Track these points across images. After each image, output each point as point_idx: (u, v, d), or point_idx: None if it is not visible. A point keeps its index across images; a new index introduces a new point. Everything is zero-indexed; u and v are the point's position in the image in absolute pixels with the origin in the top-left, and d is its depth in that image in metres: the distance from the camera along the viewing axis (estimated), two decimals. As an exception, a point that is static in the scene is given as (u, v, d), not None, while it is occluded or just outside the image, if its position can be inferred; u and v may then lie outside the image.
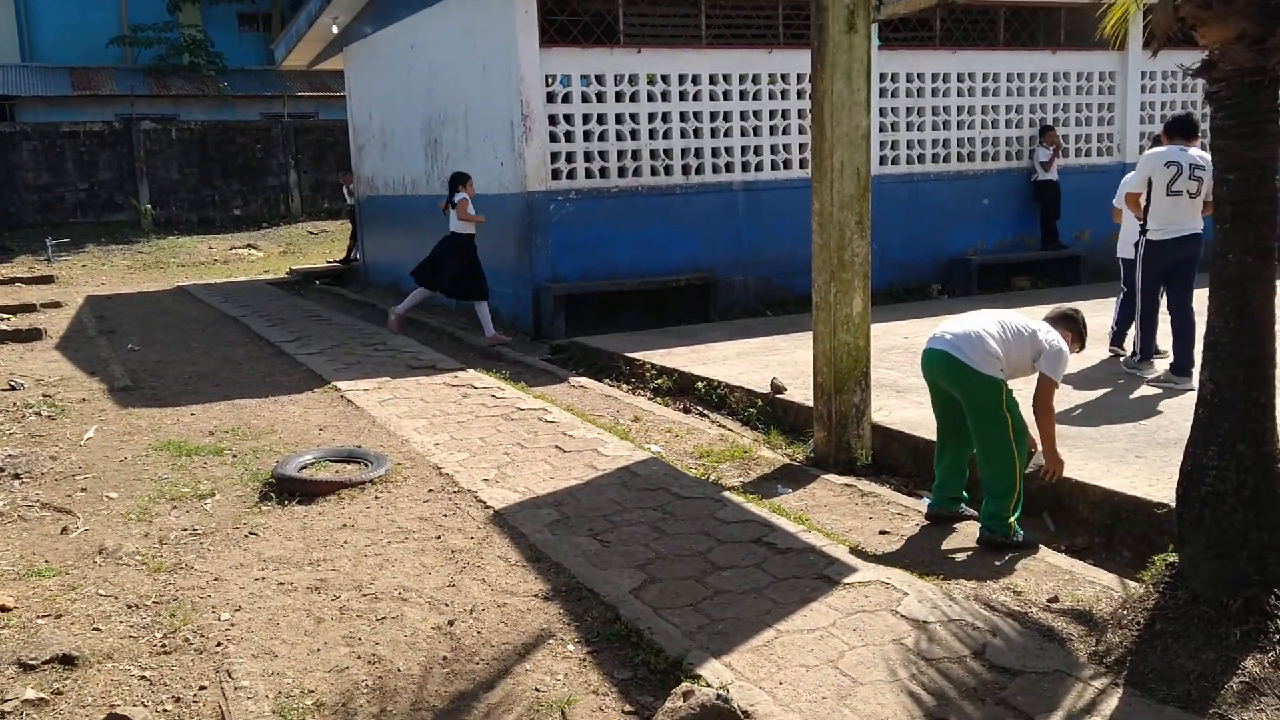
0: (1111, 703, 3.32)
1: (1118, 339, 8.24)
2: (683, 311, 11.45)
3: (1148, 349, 7.57)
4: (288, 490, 5.83)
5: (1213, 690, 3.28)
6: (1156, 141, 8.05)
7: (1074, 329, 5.03)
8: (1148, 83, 13.85)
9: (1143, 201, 7.42)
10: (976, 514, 5.00)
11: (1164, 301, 7.60)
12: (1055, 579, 4.40)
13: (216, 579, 4.70)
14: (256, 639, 4.09)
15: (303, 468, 6.12)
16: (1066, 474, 5.09)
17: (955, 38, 12.74)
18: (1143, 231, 7.46)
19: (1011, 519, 4.77)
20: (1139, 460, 5.42)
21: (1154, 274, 7.49)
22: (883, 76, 12.29)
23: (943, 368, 4.90)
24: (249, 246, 23.62)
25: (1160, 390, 7.14)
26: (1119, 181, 8.43)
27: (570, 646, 3.99)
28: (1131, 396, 6.90)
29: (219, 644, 4.06)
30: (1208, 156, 7.26)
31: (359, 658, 3.93)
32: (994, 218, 13.16)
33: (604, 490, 5.72)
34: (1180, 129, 7.56)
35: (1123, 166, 13.63)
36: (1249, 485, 3.54)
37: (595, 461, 6.24)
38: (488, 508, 5.51)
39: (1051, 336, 4.85)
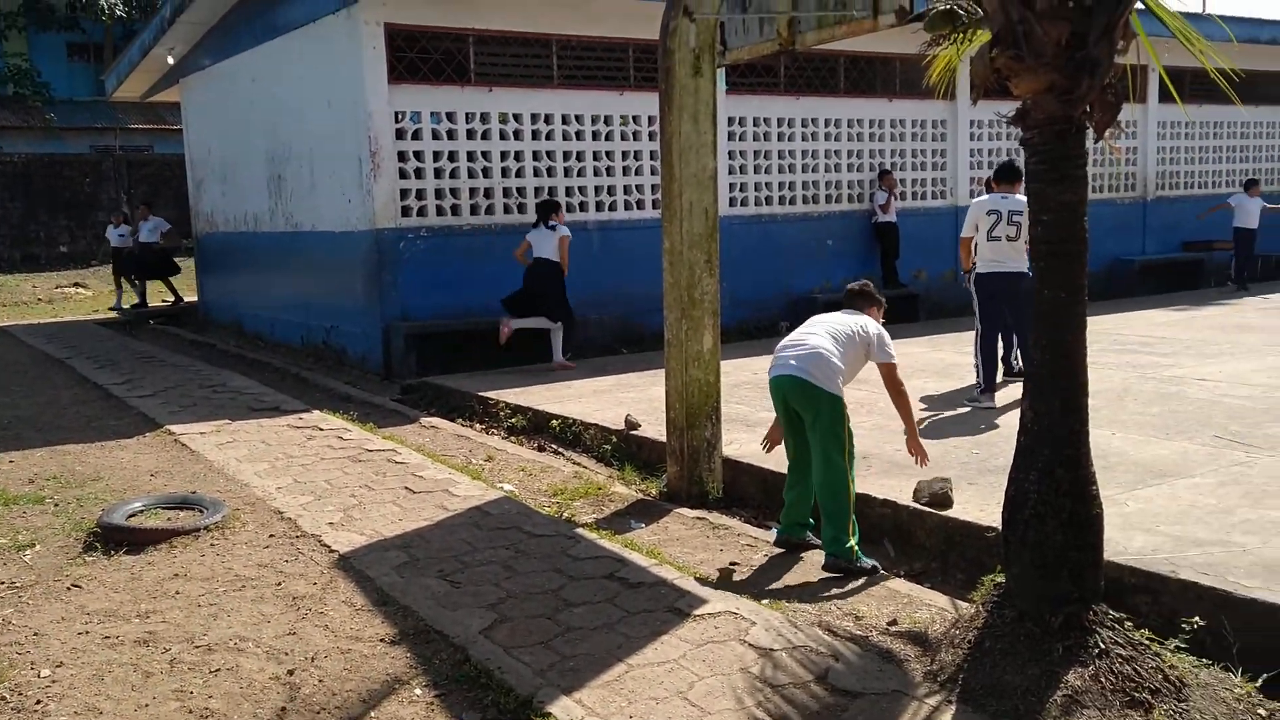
0: (945, 719, 3.45)
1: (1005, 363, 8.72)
2: (538, 350, 11.41)
3: (990, 380, 8.02)
4: (114, 540, 5.52)
5: (1038, 704, 3.44)
6: (987, 186, 8.58)
7: (874, 300, 5.45)
8: (976, 130, 14.68)
9: (973, 244, 8.13)
10: (820, 542, 5.14)
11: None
12: (895, 603, 4.55)
13: (36, 634, 4.40)
14: (80, 695, 3.85)
15: (131, 515, 5.82)
16: (903, 502, 5.30)
17: (799, 84, 13.23)
18: (974, 267, 8.27)
19: (852, 543, 4.93)
20: (971, 487, 5.67)
21: (985, 304, 8.19)
22: (731, 120, 12.65)
23: (793, 391, 5.05)
24: (76, 285, 22.42)
25: (997, 414, 7.57)
26: (951, 223, 8.92)
27: (418, 691, 3.89)
28: (967, 424, 7.22)
29: (38, 701, 3.80)
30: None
31: (190, 712, 3.73)
32: (838, 258, 13.63)
33: (455, 531, 5.62)
34: (1004, 176, 8.19)
35: (955, 210, 14.39)
36: (1067, 508, 3.75)
37: (446, 502, 6.14)
38: (332, 552, 5.34)
39: (871, 325, 5.22)
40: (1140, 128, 16.55)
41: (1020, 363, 8.39)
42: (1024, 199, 7.81)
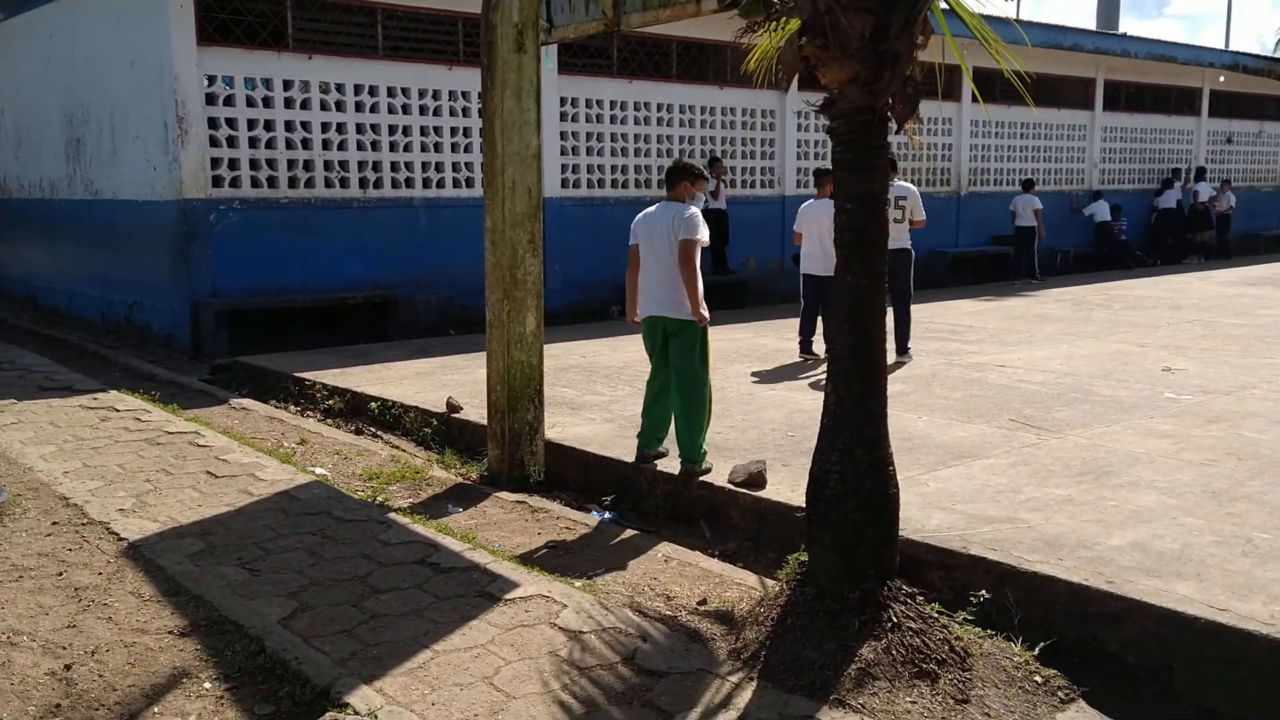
0: (746, 695, 3.51)
1: (806, 347, 9.50)
2: (361, 330, 11.10)
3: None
4: (-128, 530, 5.03)
5: (833, 677, 3.54)
6: (818, 176, 9.04)
7: (690, 174, 5.94)
8: (803, 121, 15.08)
9: None
10: (664, 452, 6.05)
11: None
12: (707, 583, 4.62)
13: None
14: None
15: (-106, 503, 5.32)
16: (719, 484, 5.41)
17: (632, 67, 13.26)
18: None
19: (705, 448, 5.81)
20: (785, 468, 5.81)
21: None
22: (563, 100, 12.57)
23: (661, 326, 5.90)
24: None
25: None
26: (779, 212, 9.17)
27: (207, 684, 3.69)
28: (784, 408, 7.40)
29: None
30: (909, 186, 9.47)
31: (-51, 716, 3.43)
32: (667, 242, 13.73)
33: (259, 517, 5.38)
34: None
35: (783, 199, 14.76)
36: (866, 487, 3.87)
37: (251, 487, 5.87)
38: (121, 540, 5.02)
39: (682, 209, 5.80)
40: (954, 126, 17.37)
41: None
42: (906, 185, 9.44)
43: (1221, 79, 21.64)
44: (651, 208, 6.05)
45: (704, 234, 5.79)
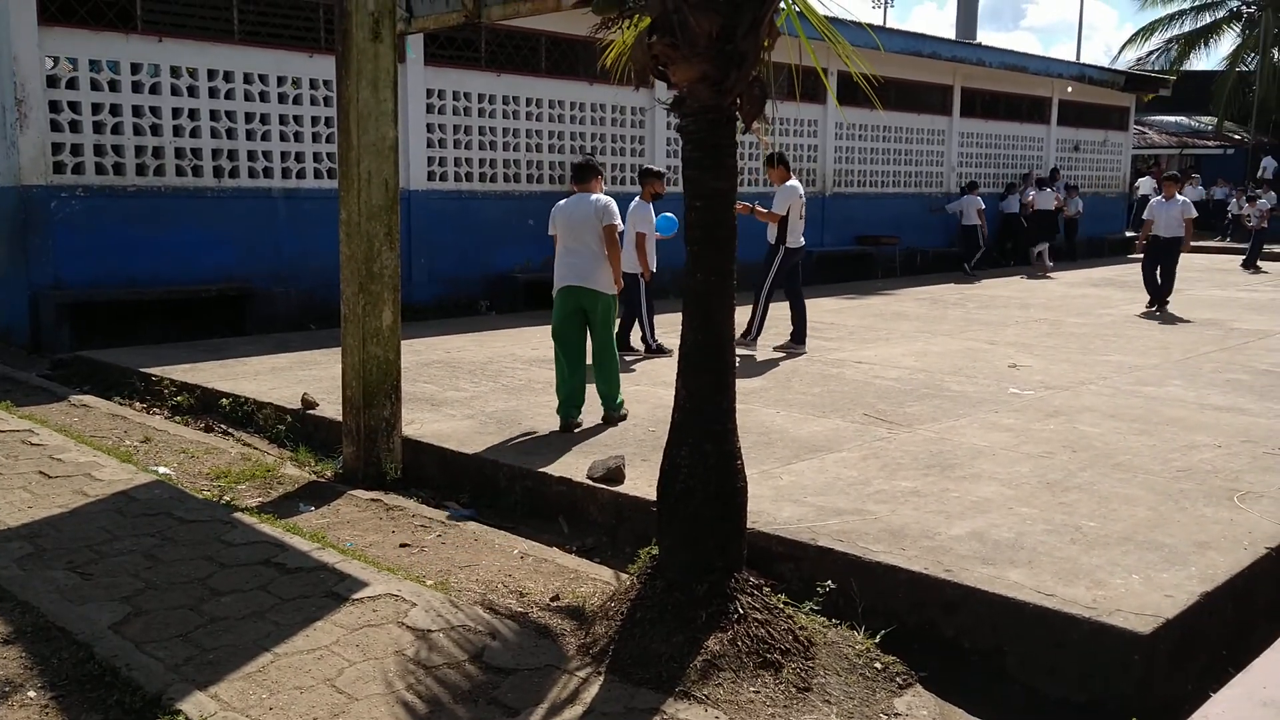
0: (593, 690, 3.52)
1: (623, 342, 9.69)
2: (216, 324, 10.71)
3: (759, 331, 10.01)
4: None
5: (680, 669, 3.58)
6: (645, 175, 9.48)
7: (597, 171, 7.16)
8: (672, 119, 15.15)
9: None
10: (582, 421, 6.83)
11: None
12: (562, 578, 4.61)
13: None
14: None
15: None
16: (578, 479, 5.42)
17: (500, 61, 13.15)
18: (781, 242, 9.91)
19: (621, 399, 6.98)
20: (645, 464, 5.85)
21: (789, 270, 10.08)
22: (430, 92, 12.38)
23: (577, 296, 6.82)
24: None
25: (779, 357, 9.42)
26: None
27: (31, 694, 3.51)
28: (646, 403, 7.45)
29: None
30: (793, 185, 9.95)
31: None
32: (539, 238, 13.57)
33: (93, 519, 5.13)
34: (786, 165, 10.15)
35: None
36: (714, 481, 3.92)
37: (87, 487, 5.59)
38: (-60, 545, 4.72)
39: (598, 202, 6.88)
40: (820, 128, 17.79)
41: (654, 341, 9.73)
42: (793, 183, 10.10)
43: (1070, 89, 22.75)
44: (566, 200, 7.05)
45: (619, 219, 6.98)
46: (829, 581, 4.41)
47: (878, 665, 3.87)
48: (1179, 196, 13.60)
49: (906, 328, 11.73)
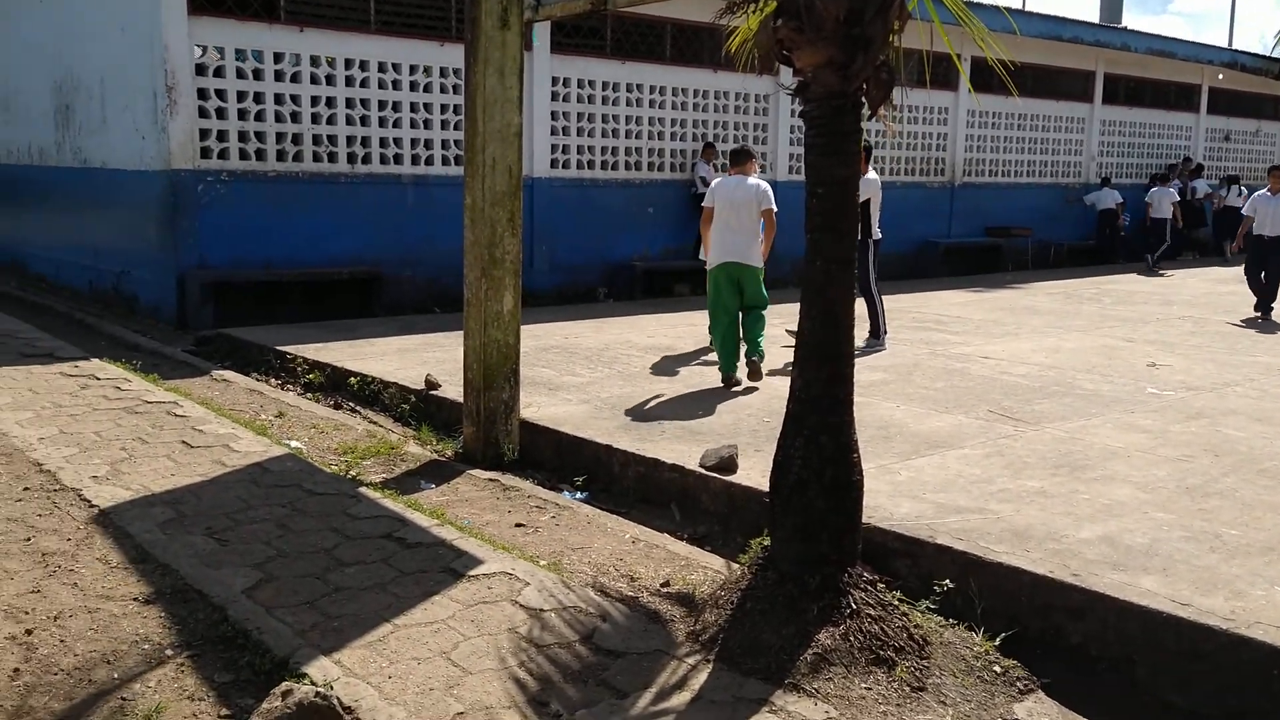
0: (701, 678, 3.52)
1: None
2: (346, 306, 11.07)
3: (885, 327, 9.72)
4: None
5: (789, 662, 3.55)
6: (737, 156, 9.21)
7: (752, 155, 8.16)
8: (796, 106, 14.97)
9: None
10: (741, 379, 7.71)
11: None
12: (673, 565, 4.62)
13: None
14: None
15: None
16: (690, 467, 5.43)
17: (625, 49, 13.20)
18: (867, 235, 9.28)
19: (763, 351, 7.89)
20: (758, 454, 5.81)
21: (876, 265, 9.63)
22: (555, 80, 12.52)
23: (733, 270, 7.79)
24: None
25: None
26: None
27: (169, 652, 3.70)
28: (762, 393, 7.40)
29: None
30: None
31: (-96, 678, 3.43)
32: (658, 226, 13.74)
33: (230, 487, 5.37)
34: (867, 154, 9.54)
35: (774, 184, 14.69)
36: (829, 473, 3.86)
37: (225, 458, 5.86)
38: (92, 506, 5.02)
39: (760, 185, 7.84)
40: (951, 115, 17.32)
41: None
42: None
43: (1220, 76, 21.59)
44: (726, 179, 8.00)
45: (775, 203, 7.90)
46: (947, 580, 4.31)
47: (997, 669, 3.76)
48: None
49: (1037, 323, 11.34)
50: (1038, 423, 6.66)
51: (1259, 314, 12.04)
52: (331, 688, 3.35)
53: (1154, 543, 4.53)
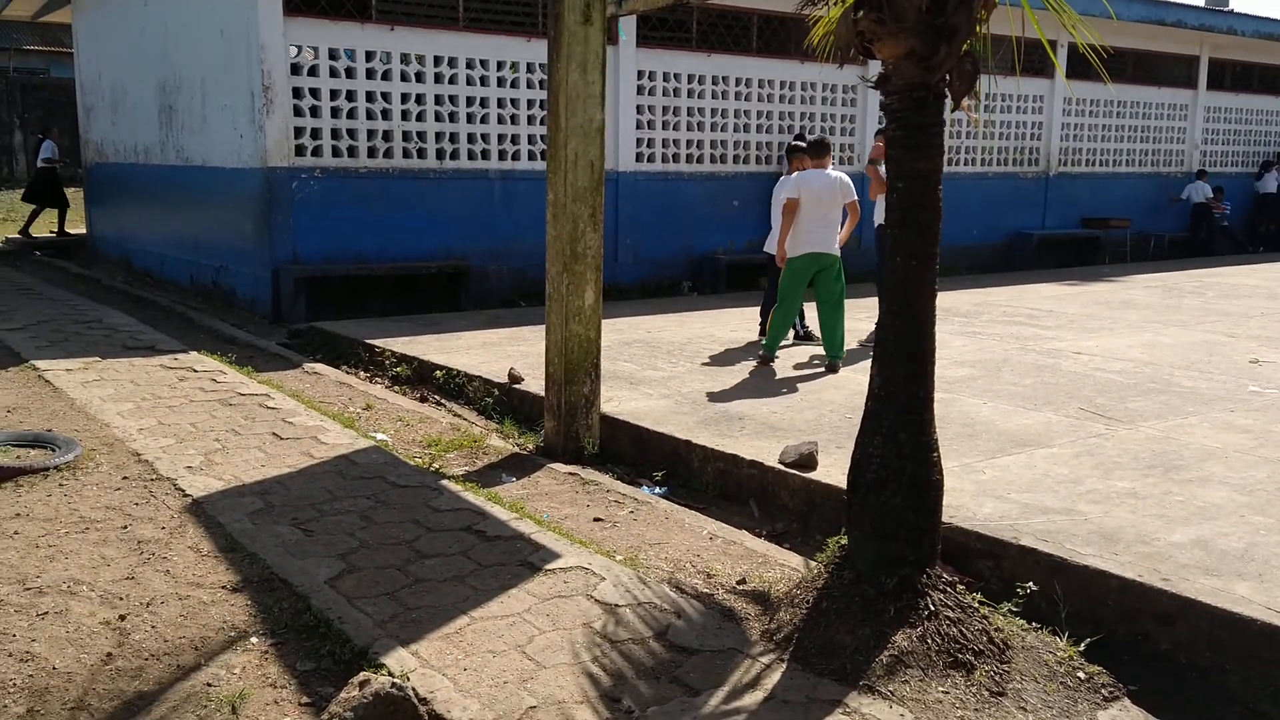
0: (775, 677, 3.49)
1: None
2: (434, 299, 11.26)
3: None
4: (-43, 477, 5.29)
5: (865, 663, 3.50)
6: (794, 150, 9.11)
7: (828, 147, 8.25)
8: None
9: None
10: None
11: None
12: (750, 562, 4.59)
13: None
14: (-112, 640, 3.68)
15: (-22, 453, 5.58)
16: (770, 464, 5.39)
17: (711, 41, 13.13)
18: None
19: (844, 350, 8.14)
20: (839, 450, 5.73)
21: None
22: (640, 74, 12.52)
23: (820, 260, 8.04)
24: (-34, 210, 21.41)
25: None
26: (860, 188, 9.08)
27: (253, 639, 3.81)
28: (844, 389, 7.31)
29: None
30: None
31: (9, 655, 3.60)
32: (743, 219, 13.63)
33: (317, 479, 5.51)
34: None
35: (863, 177, 14.48)
36: (908, 472, 3.80)
37: (313, 449, 6.01)
38: (186, 496, 5.19)
39: (842, 176, 8.11)
40: (1046, 103, 16.84)
41: (803, 327, 9.38)
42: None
43: (1336, 59, 20.57)
44: (809, 173, 8.12)
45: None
46: (1030, 583, 4.20)
47: (1080, 675, 3.65)
48: None
49: (1134, 317, 10.98)
50: (1131, 421, 6.45)
51: None
52: (408, 678, 3.42)
53: (1250, 548, 4.35)
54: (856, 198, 8.18)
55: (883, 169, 9.03)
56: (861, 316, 9.50)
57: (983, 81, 3.88)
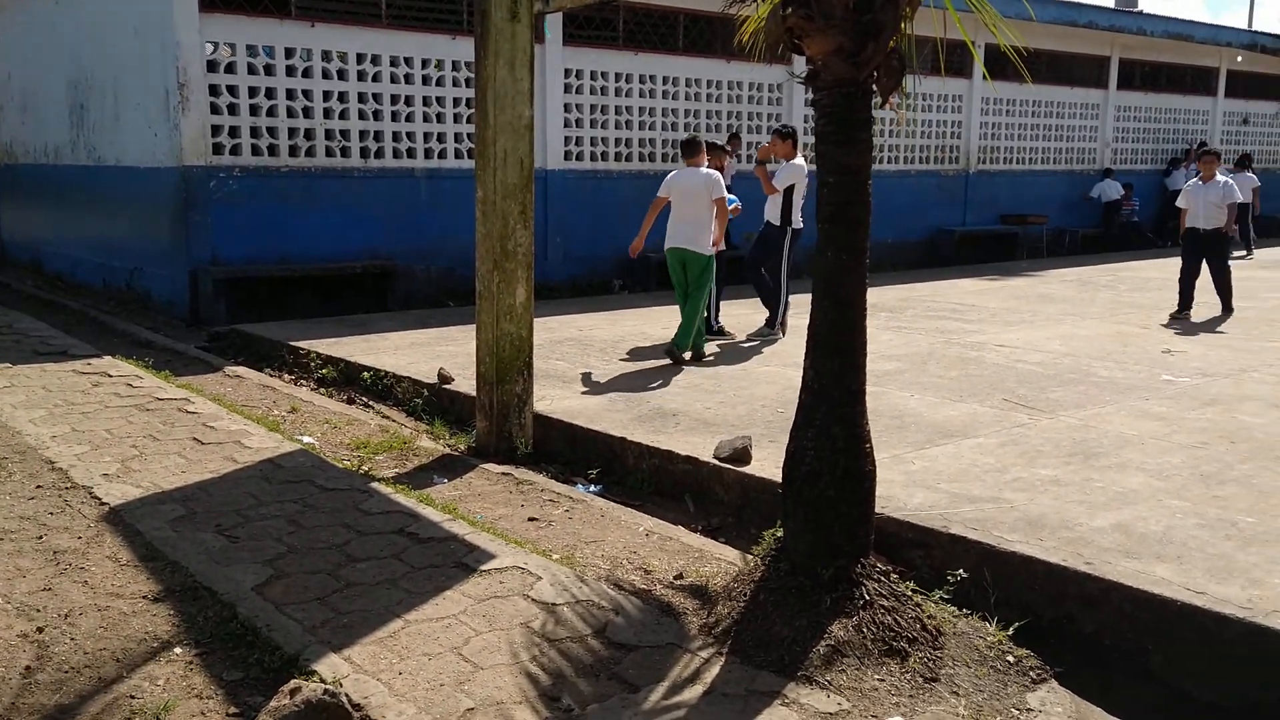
0: (714, 670, 3.50)
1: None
2: (360, 300, 11.09)
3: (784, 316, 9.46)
4: None
5: (803, 654, 3.52)
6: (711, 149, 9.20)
7: (700, 147, 8.33)
8: (810, 95, 14.89)
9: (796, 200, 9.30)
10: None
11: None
12: (686, 557, 4.60)
13: None
14: None
15: (-120, 464, 5.34)
16: (704, 459, 5.41)
17: (638, 39, 13.14)
18: (786, 223, 9.23)
19: (688, 344, 8.11)
20: (772, 444, 5.77)
21: (790, 255, 9.35)
22: (567, 72, 12.48)
23: (681, 255, 8.26)
24: None
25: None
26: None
27: (178, 650, 3.70)
28: (775, 384, 7.36)
29: None
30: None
31: (-81, 676, 3.44)
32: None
33: (241, 484, 5.38)
34: (795, 140, 9.35)
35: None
36: (841, 464, 3.83)
37: (236, 454, 5.87)
38: (103, 504, 5.03)
39: (710, 176, 8.20)
40: (965, 103, 17.19)
41: (717, 324, 9.43)
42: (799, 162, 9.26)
43: (1239, 59, 21.36)
44: (679, 172, 8.31)
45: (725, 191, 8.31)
46: (960, 571, 4.27)
47: (1010, 659, 3.73)
48: (1220, 178, 10.65)
49: (1052, 310, 11.26)
50: (1052, 411, 6.61)
51: (1182, 313, 10.61)
52: (340, 685, 3.35)
53: (1168, 530, 4.48)
54: (725, 195, 8.24)
55: (770, 168, 9.22)
56: (789, 310, 9.60)
57: (907, 80, 3.94)
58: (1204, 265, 10.71)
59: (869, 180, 3.89)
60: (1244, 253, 17.91)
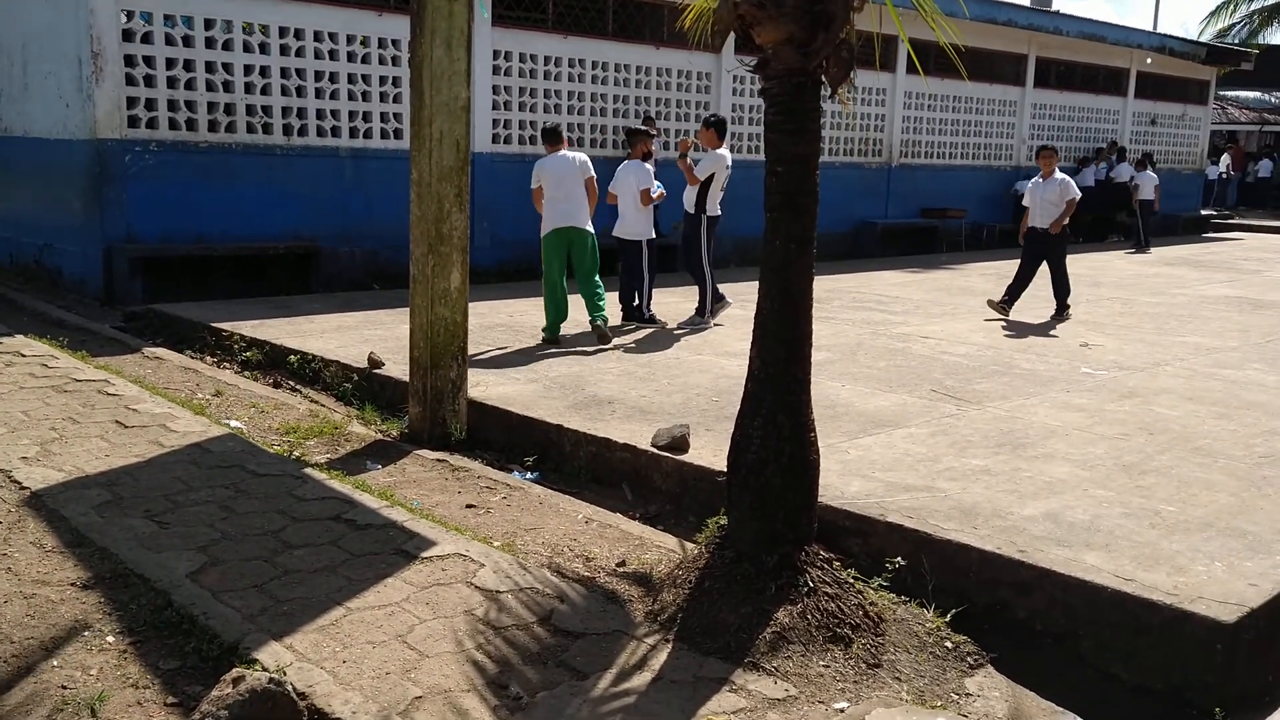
0: (661, 657, 3.51)
1: (631, 314, 9.52)
2: (283, 281, 10.83)
3: (714, 303, 9.54)
4: None
5: (748, 640, 3.56)
6: (634, 134, 9.62)
7: (555, 134, 8.69)
8: (738, 85, 15.00)
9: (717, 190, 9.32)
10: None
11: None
12: (627, 544, 4.60)
13: None
14: None
15: None
16: (642, 447, 5.40)
17: (567, 22, 13.04)
18: (701, 211, 9.26)
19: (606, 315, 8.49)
20: (709, 433, 5.81)
21: (710, 241, 9.37)
22: (496, 53, 12.33)
23: (567, 235, 8.54)
24: None
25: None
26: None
27: (110, 638, 3.58)
28: (710, 373, 7.40)
29: None
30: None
31: None
32: (600, 203, 13.53)
33: (169, 469, 5.22)
34: (720, 130, 9.31)
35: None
36: (787, 452, 3.87)
37: (162, 438, 5.69)
38: (24, 489, 4.84)
39: (581, 156, 8.56)
40: (889, 96, 17.45)
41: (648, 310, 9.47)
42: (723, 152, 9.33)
43: (1149, 60, 22.07)
44: (547, 158, 8.63)
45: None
46: (898, 558, 4.36)
47: (948, 644, 3.82)
48: (1058, 174, 10.51)
49: (974, 303, 11.52)
50: (979, 402, 6.77)
51: (1005, 303, 10.56)
52: (284, 673, 3.28)
53: (1095, 519, 4.63)
54: (594, 174, 8.53)
55: (694, 156, 9.28)
56: (731, 300, 9.65)
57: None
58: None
59: (817, 169, 3.92)
60: (1135, 249, 18.71)
